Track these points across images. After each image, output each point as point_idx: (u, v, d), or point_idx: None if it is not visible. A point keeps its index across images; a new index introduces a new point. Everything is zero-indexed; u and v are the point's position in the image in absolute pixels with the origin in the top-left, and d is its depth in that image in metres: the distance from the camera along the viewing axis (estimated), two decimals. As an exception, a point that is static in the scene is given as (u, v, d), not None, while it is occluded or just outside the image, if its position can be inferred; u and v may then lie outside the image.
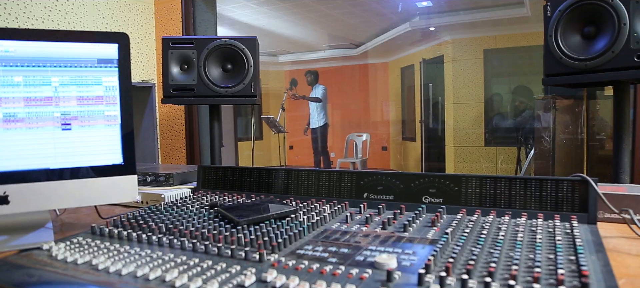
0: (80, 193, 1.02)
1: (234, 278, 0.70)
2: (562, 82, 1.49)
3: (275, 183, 1.30)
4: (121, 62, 1.03)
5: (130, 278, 0.74)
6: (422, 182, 1.09)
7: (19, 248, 0.94)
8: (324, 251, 0.82)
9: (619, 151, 1.48)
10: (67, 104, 1.00)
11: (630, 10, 1.31)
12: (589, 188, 0.94)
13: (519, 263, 0.70)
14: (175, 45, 1.91)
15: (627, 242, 0.88)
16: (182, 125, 2.97)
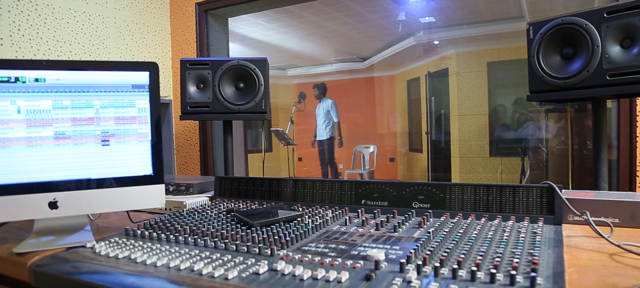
0: (117, 199, 1.18)
1: (250, 268, 0.86)
2: (544, 98, 1.64)
3: (284, 192, 1.45)
4: (151, 87, 1.20)
5: (164, 269, 0.90)
6: (412, 190, 1.25)
7: (66, 246, 1.10)
8: (325, 247, 0.97)
9: (598, 160, 1.62)
10: (106, 124, 1.17)
11: (601, 34, 1.45)
12: (555, 194, 1.08)
13: (485, 255, 0.85)
14: (193, 66, 2.08)
15: (586, 240, 1.03)
16: (196, 139, 3.15)
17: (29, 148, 1.11)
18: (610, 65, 1.43)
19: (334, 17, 5.75)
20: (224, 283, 0.80)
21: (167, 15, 3.23)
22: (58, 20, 2.54)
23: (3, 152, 1.08)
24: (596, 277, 0.80)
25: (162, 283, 0.85)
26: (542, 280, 0.74)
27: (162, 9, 3.20)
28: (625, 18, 1.41)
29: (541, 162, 3.11)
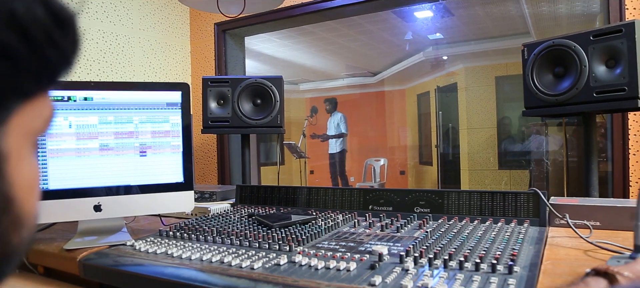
0: (152, 204, 1.34)
1: (271, 261, 1.01)
2: (538, 113, 1.78)
3: (299, 198, 1.60)
4: (183, 105, 1.37)
5: (198, 261, 1.06)
6: (414, 196, 1.39)
7: (108, 244, 1.26)
8: (336, 245, 1.12)
9: (589, 171, 1.74)
10: (144, 137, 1.33)
11: (588, 55, 1.59)
12: (540, 200, 1.22)
13: (473, 250, 0.99)
14: (213, 83, 2.25)
15: (567, 240, 1.16)
16: (214, 151, 3.32)
17: (77, 158, 1.28)
18: (597, 83, 1.57)
19: (345, 34, 5.93)
20: (251, 272, 0.95)
21: (188, 35, 3.43)
22: (88, 41, 2.74)
23: (56, 162, 1.25)
24: (568, 267, 0.93)
25: (197, 273, 1.00)
26: (519, 268, 0.87)
27: (183, 29, 3.39)
28: (609, 41, 1.54)
29: (542, 174, 3.22)
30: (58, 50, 0.32)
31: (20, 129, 0.32)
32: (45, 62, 0.31)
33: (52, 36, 0.31)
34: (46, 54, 0.31)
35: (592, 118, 1.75)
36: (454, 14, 5.23)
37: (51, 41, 0.31)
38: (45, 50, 0.31)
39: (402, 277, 0.86)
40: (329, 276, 0.90)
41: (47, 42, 0.31)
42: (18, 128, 0.32)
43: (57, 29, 0.31)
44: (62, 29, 0.32)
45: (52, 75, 0.33)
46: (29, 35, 0.29)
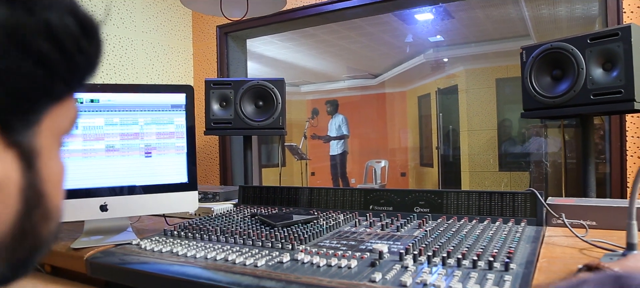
0: (157, 204, 1.37)
1: (275, 259, 1.03)
2: (536, 115, 1.80)
3: (301, 199, 1.63)
4: (187, 107, 1.39)
5: (203, 259, 1.08)
6: (414, 196, 1.42)
7: (114, 243, 1.28)
8: (337, 243, 1.14)
9: (586, 172, 1.77)
10: (149, 138, 1.36)
11: (585, 58, 1.61)
12: (537, 199, 1.25)
13: (470, 248, 1.01)
14: (216, 86, 2.28)
15: (564, 239, 1.18)
16: (216, 152, 3.34)
17: (84, 159, 1.30)
18: (594, 85, 1.59)
19: (346, 36, 5.96)
20: (254, 270, 0.98)
21: (190, 37, 3.46)
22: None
23: (64, 162, 1.27)
24: (562, 265, 0.96)
25: (202, 271, 1.03)
26: (515, 265, 0.90)
27: (185, 32, 3.43)
28: (605, 44, 1.57)
29: (542, 175, 3.24)
30: (85, 57, 0.35)
31: (50, 128, 0.35)
32: (74, 68, 0.34)
33: (80, 44, 0.34)
34: (75, 60, 0.34)
35: (590, 120, 1.78)
36: (454, 16, 5.26)
37: (80, 48, 0.34)
38: (74, 56, 0.34)
39: (401, 273, 0.89)
40: (330, 273, 0.92)
41: (76, 50, 0.34)
42: (48, 128, 0.35)
43: (84, 37, 0.34)
44: (88, 37, 0.35)
45: (79, 79, 0.36)
46: (61, 43, 0.32)
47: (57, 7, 0.32)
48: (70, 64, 0.34)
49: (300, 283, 0.89)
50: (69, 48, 0.33)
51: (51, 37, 0.31)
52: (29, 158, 0.34)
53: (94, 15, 0.36)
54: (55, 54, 0.32)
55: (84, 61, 0.35)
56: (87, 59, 0.35)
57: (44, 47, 0.31)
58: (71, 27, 0.33)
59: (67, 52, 0.33)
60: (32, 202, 0.35)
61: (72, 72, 0.35)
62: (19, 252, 0.35)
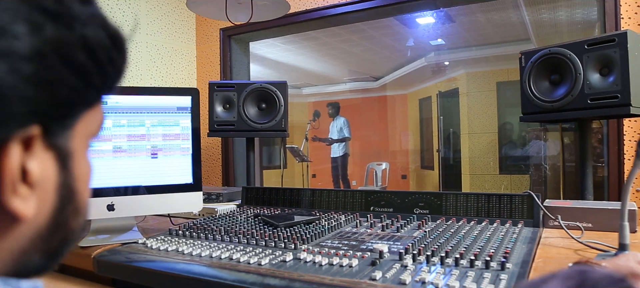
0: (162, 204, 1.40)
1: (278, 257, 1.06)
2: (535, 119, 1.83)
3: (303, 200, 1.66)
4: (193, 109, 1.43)
5: (208, 258, 1.12)
6: (414, 198, 1.45)
7: (121, 242, 1.32)
8: (339, 243, 1.18)
9: (584, 175, 1.79)
10: (155, 140, 1.39)
11: (583, 63, 1.64)
12: (534, 202, 1.28)
13: (468, 248, 1.04)
14: (220, 88, 2.31)
15: (560, 240, 1.21)
16: (218, 154, 3.38)
17: (92, 160, 1.33)
18: (591, 90, 1.62)
19: (348, 39, 6.00)
20: (258, 268, 1.01)
21: (193, 40, 3.49)
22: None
23: (72, 163, 1.31)
24: (557, 265, 0.99)
25: (208, 269, 1.06)
26: (511, 265, 0.93)
27: (189, 34, 3.46)
28: (602, 50, 1.60)
29: (541, 178, 3.28)
30: (114, 66, 0.38)
31: (81, 132, 0.39)
32: (105, 76, 0.38)
33: (110, 55, 0.37)
34: (106, 70, 0.38)
35: (587, 124, 1.81)
36: (455, 20, 5.29)
37: (110, 59, 0.38)
38: (105, 66, 0.37)
39: (401, 272, 0.92)
40: (332, 271, 0.95)
41: (107, 60, 0.37)
42: (80, 131, 0.39)
43: (114, 48, 0.38)
44: (117, 48, 0.38)
45: (108, 86, 0.39)
46: (96, 55, 0.36)
47: (92, 22, 0.36)
48: (102, 73, 0.37)
49: (303, 281, 0.92)
50: (102, 59, 0.37)
51: (87, 49, 0.35)
52: (64, 159, 0.38)
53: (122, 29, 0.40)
54: (91, 65, 0.36)
55: (113, 70, 0.39)
56: (115, 69, 0.39)
57: (82, 59, 0.35)
58: (103, 40, 0.37)
59: (100, 62, 0.37)
60: (65, 198, 0.38)
61: (103, 80, 0.38)
62: (53, 243, 0.39)
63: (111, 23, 0.39)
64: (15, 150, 0.33)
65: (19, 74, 0.31)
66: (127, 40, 0.41)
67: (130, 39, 0.41)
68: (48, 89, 0.33)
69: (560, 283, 0.44)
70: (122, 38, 0.40)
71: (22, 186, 0.34)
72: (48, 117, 0.35)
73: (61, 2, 0.34)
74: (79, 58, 0.35)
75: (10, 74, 0.30)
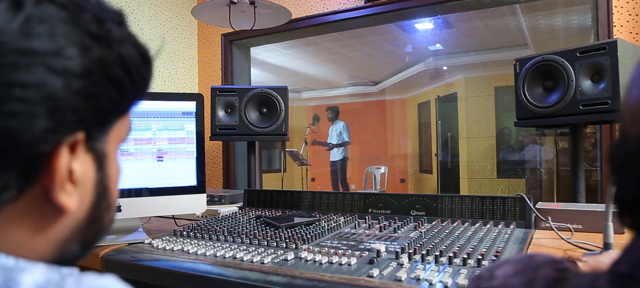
0: (168, 205, 1.45)
1: (280, 257, 1.11)
2: (529, 124, 1.88)
3: (303, 202, 1.71)
4: (197, 114, 1.48)
5: (212, 257, 1.16)
6: (411, 200, 1.50)
7: (127, 242, 1.36)
8: (338, 243, 1.22)
9: (576, 179, 1.84)
10: (161, 143, 1.44)
11: (575, 70, 1.70)
12: (526, 204, 1.33)
13: (462, 248, 1.09)
14: (222, 93, 2.37)
15: (550, 241, 1.26)
16: (219, 157, 3.43)
17: (100, 163, 1.38)
18: (583, 97, 1.68)
19: (348, 44, 6.06)
20: (261, 266, 1.06)
21: (195, 45, 3.55)
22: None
23: (81, 165, 1.36)
24: (546, 264, 1.04)
25: (212, 267, 1.11)
26: (501, 263, 0.98)
27: (191, 39, 3.52)
28: (594, 57, 1.65)
29: (537, 182, 3.33)
30: (143, 79, 0.44)
31: (114, 137, 0.44)
32: (136, 88, 0.43)
33: (141, 70, 0.43)
34: (137, 83, 0.43)
35: (579, 129, 1.86)
36: (453, 26, 5.35)
37: (140, 73, 0.43)
38: (137, 80, 0.43)
39: (397, 270, 0.97)
40: (332, 269, 1.00)
41: (138, 75, 0.43)
42: (113, 136, 0.44)
43: (143, 65, 0.43)
44: (146, 64, 0.44)
45: (138, 97, 0.45)
46: (130, 71, 0.41)
47: (126, 42, 0.42)
48: (134, 86, 0.43)
49: (304, 278, 0.97)
50: (134, 74, 0.42)
51: (123, 66, 0.41)
52: (101, 160, 0.43)
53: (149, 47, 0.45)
54: (126, 79, 0.41)
55: (142, 83, 0.44)
56: (144, 82, 0.45)
57: (119, 74, 0.40)
58: (135, 57, 0.42)
59: (133, 77, 0.42)
60: (101, 194, 0.44)
61: (135, 92, 0.44)
62: (89, 234, 0.44)
63: (140, 41, 0.44)
64: (65, 153, 0.38)
65: (72, 88, 0.36)
66: (154, 57, 0.46)
67: (156, 56, 0.46)
68: (93, 100, 0.39)
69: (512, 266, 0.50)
70: (149, 55, 0.45)
71: (68, 184, 0.39)
72: (91, 124, 0.40)
73: (102, 26, 0.39)
74: (117, 74, 0.40)
75: (64, 89, 0.36)
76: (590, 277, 0.45)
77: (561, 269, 0.47)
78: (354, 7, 2.87)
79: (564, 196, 2.95)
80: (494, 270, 0.52)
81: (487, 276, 0.51)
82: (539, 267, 0.48)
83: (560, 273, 0.47)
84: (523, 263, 0.50)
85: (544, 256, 0.50)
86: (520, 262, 0.50)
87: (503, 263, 0.52)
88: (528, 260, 0.50)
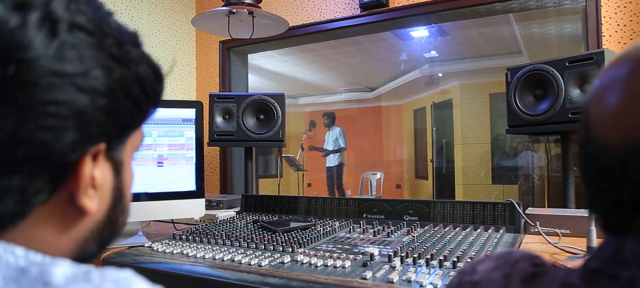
0: (167, 209, 1.49)
1: (276, 260, 1.15)
2: (520, 132, 1.93)
3: (300, 207, 1.75)
4: (197, 121, 1.52)
5: (211, 260, 1.20)
6: (404, 206, 1.54)
7: (128, 245, 1.40)
8: (333, 247, 1.26)
9: (566, 185, 1.89)
10: (161, 149, 1.48)
11: (564, 79, 1.75)
12: (515, 209, 1.37)
13: (452, 251, 1.13)
14: (220, 99, 2.41)
15: (539, 245, 1.31)
16: (217, 163, 3.46)
17: (102, 168, 1.42)
18: (572, 105, 1.73)
19: (344, 51, 6.11)
20: (258, 269, 1.10)
21: (193, 52, 3.59)
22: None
23: (83, 171, 1.39)
24: (533, 267, 1.08)
25: (211, 269, 1.14)
26: (489, 266, 1.02)
27: (189, 46, 3.56)
28: (582, 67, 1.70)
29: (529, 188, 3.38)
30: (157, 95, 0.48)
31: (129, 146, 0.49)
32: (150, 103, 0.48)
33: (154, 87, 0.48)
34: (151, 98, 0.47)
35: (569, 136, 1.91)
36: (448, 34, 5.42)
37: (154, 90, 0.48)
38: (151, 96, 0.47)
39: (389, 272, 1.01)
40: (327, 272, 1.04)
41: (152, 91, 0.47)
42: (129, 146, 0.49)
43: (157, 82, 0.48)
44: (159, 81, 0.48)
45: (151, 111, 0.49)
46: (145, 88, 0.46)
47: (142, 61, 0.46)
48: (149, 101, 0.47)
49: (300, 280, 1.01)
50: (149, 90, 0.47)
51: (140, 84, 0.45)
52: (118, 168, 0.48)
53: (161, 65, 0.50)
54: (142, 96, 0.46)
55: (156, 98, 0.49)
56: (157, 97, 0.49)
57: (136, 92, 0.45)
58: (150, 75, 0.47)
59: (148, 93, 0.47)
60: (117, 198, 0.48)
61: (149, 106, 0.48)
62: (105, 234, 0.48)
63: (154, 60, 0.49)
64: (89, 161, 0.43)
65: (96, 105, 0.41)
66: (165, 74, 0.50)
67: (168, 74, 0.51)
68: (114, 115, 0.43)
69: (492, 261, 0.54)
70: (161, 73, 0.50)
71: (90, 189, 0.43)
72: (111, 136, 0.45)
73: (122, 48, 0.44)
74: (135, 91, 0.45)
75: (90, 106, 0.40)
76: (564, 272, 0.49)
77: (537, 264, 0.52)
78: (350, 15, 2.93)
79: (555, 202, 3.00)
80: (476, 265, 0.56)
81: (470, 270, 0.56)
82: (517, 262, 0.52)
83: (536, 268, 0.51)
84: (502, 259, 0.54)
85: (522, 252, 0.54)
86: (500, 258, 0.54)
87: (484, 259, 0.56)
88: (507, 256, 0.54)
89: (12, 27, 0.36)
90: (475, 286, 0.53)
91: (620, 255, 0.45)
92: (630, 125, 0.44)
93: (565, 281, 0.47)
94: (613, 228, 0.48)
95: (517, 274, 0.50)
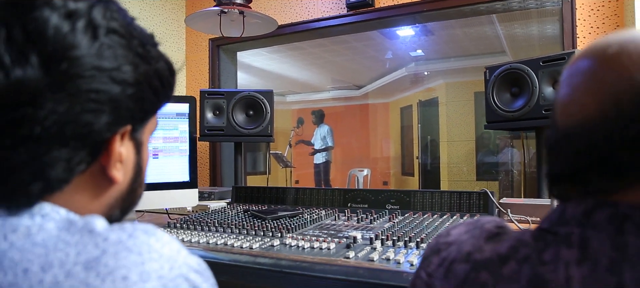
0: (163, 199, 1.56)
1: (266, 243, 1.24)
2: (497, 127, 2.04)
3: (288, 198, 1.83)
4: (190, 115, 1.60)
5: (204, 244, 1.28)
6: (386, 195, 1.63)
7: (125, 233, 1.47)
8: (319, 233, 1.35)
9: (540, 178, 2.00)
10: (156, 142, 1.55)
11: (539, 78, 1.86)
12: (489, 198, 1.47)
13: (428, 235, 1.23)
14: (210, 96, 2.48)
15: (510, 231, 1.41)
16: (206, 158, 3.54)
17: (99, 159, 1.49)
18: (545, 102, 1.83)
19: (332, 49, 6.20)
20: (250, 251, 1.18)
21: (183, 49, 3.66)
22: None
23: (82, 161, 1.47)
24: (502, 248, 1.18)
25: (205, 252, 1.23)
26: (462, 247, 1.12)
27: (179, 44, 3.62)
28: (555, 66, 1.81)
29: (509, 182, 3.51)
30: (171, 87, 0.57)
31: (148, 129, 0.58)
32: (166, 94, 0.57)
33: (170, 80, 0.57)
34: (167, 90, 0.56)
35: (543, 132, 2.02)
36: (434, 33, 5.54)
37: (169, 83, 0.57)
38: (166, 87, 0.56)
39: (370, 252, 1.10)
40: (313, 253, 1.13)
41: (168, 84, 0.56)
42: (147, 129, 0.58)
43: (171, 77, 0.57)
44: (172, 74, 0.57)
45: (166, 100, 0.58)
46: (162, 81, 0.55)
47: (160, 59, 0.56)
48: (165, 92, 0.56)
49: (289, 260, 1.10)
50: (165, 83, 0.56)
51: (159, 77, 0.54)
52: (139, 147, 0.57)
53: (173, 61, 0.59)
54: (160, 87, 0.55)
55: (170, 90, 0.58)
56: (171, 88, 0.58)
57: (156, 84, 0.54)
58: (166, 70, 0.56)
59: (164, 85, 0.56)
60: (137, 173, 0.57)
61: (165, 96, 0.57)
62: (127, 202, 0.57)
63: (168, 58, 0.58)
64: (118, 139, 0.52)
65: (126, 94, 0.50)
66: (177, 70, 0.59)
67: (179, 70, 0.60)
68: (139, 102, 0.52)
69: (464, 226, 0.64)
70: (174, 68, 0.59)
71: (118, 163, 0.52)
72: (136, 120, 0.54)
73: (145, 48, 0.53)
74: (155, 83, 0.54)
75: (122, 94, 0.49)
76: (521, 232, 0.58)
77: (501, 226, 0.62)
78: (337, 15, 3.02)
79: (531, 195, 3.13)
80: (451, 229, 0.66)
81: (445, 233, 0.66)
82: (484, 225, 0.62)
83: (499, 229, 0.61)
84: (472, 224, 0.64)
85: (490, 218, 0.65)
86: (471, 224, 0.64)
87: (458, 224, 0.66)
88: (477, 221, 0.64)
89: (64, 32, 0.46)
90: (448, 246, 0.62)
91: (563, 216, 0.54)
92: (568, 113, 0.55)
93: (519, 238, 0.56)
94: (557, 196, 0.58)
95: (483, 233, 0.60)
